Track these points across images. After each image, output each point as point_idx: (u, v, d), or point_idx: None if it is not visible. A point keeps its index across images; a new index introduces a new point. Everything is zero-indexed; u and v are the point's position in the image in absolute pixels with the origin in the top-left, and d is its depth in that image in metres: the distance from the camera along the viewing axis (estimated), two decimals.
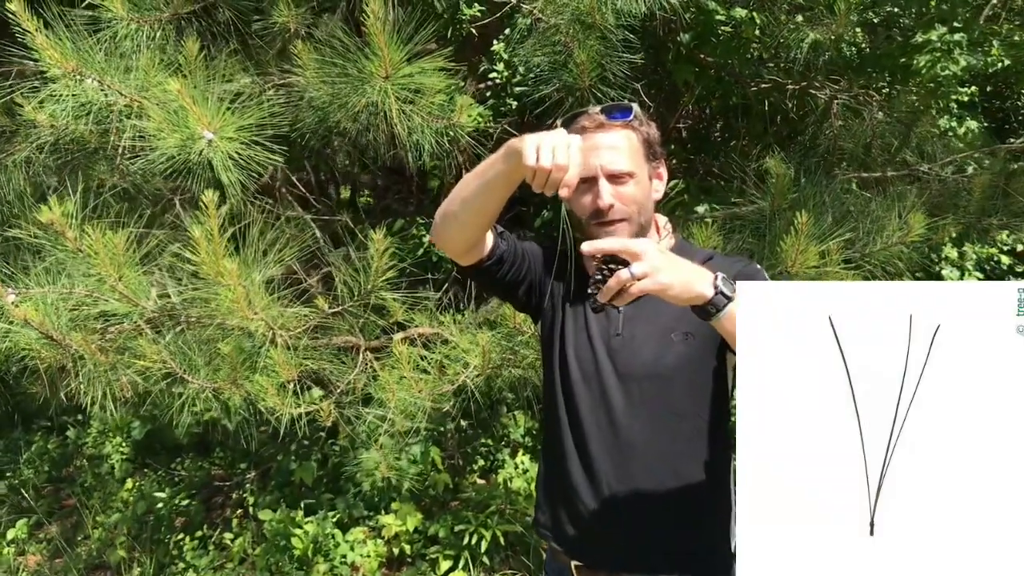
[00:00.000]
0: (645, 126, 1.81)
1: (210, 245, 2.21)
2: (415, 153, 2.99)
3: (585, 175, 1.74)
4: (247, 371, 2.59)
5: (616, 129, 1.77)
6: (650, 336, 1.77)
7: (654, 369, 1.75)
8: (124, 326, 2.63)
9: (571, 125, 1.79)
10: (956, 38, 3.39)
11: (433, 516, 4.34)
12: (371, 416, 2.80)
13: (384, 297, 2.68)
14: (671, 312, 1.71)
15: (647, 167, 1.81)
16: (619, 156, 1.76)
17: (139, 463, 5.48)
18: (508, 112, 4.18)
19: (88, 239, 2.28)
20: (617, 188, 1.75)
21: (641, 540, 1.76)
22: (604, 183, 1.75)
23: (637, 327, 1.79)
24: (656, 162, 1.84)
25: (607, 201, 1.74)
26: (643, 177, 1.79)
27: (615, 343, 1.79)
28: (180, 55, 2.76)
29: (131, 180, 2.93)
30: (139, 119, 2.62)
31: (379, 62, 2.62)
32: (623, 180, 1.75)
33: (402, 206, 4.98)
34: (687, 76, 4.08)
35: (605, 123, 1.77)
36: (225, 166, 2.53)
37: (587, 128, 1.77)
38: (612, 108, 1.79)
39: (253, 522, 4.54)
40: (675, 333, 1.74)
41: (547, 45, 3.00)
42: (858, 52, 4.42)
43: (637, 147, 1.79)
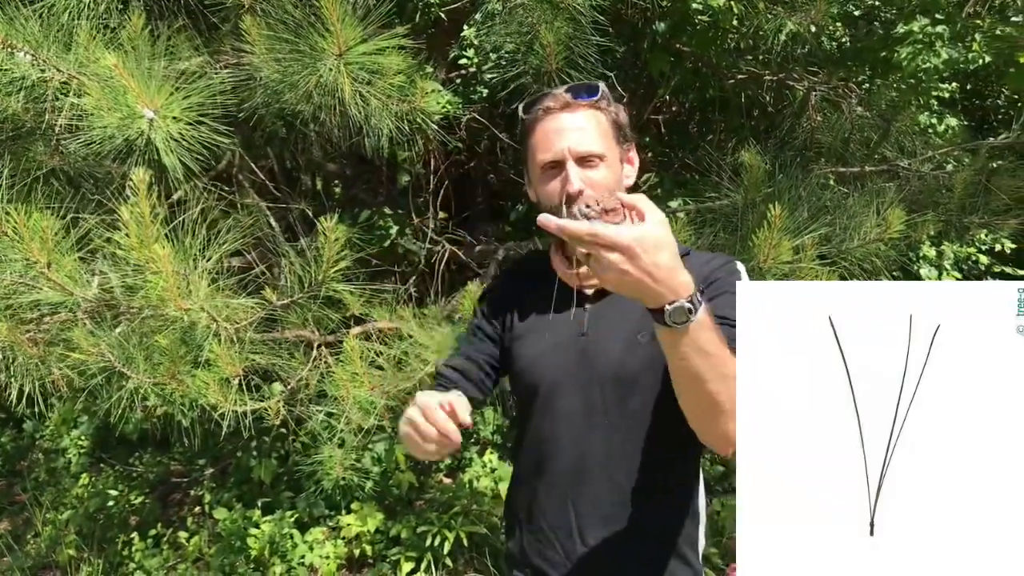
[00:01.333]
0: (613, 107, 1.67)
1: (140, 229, 2.06)
2: (374, 139, 2.86)
3: (552, 159, 1.62)
4: (188, 366, 2.44)
5: (583, 109, 1.63)
6: (616, 336, 1.64)
7: (618, 372, 1.62)
8: (60, 316, 2.48)
9: (534, 107, 1.66)
10: (938, 30, 3.29)
11: (396, 516, 4.21)
12: (321, 414, 2.66)
13: (337, 289, 2.53)
14: (640, 307, 1.60)
15: (618, 150, 1.66)
16: (587, 137, 1.61)
17: (96, 458, 5.32)
18: (479, 100, 4.06)
19: (12, 222, 2.12)
20: (586, 172, 1.60)
21: (610, 558, 1.66)
22: (572, 166, 1.60)
23: (604, 325, 1.66)
24: (627, 145, 1.70)
25: (576, 186, 1.59)
26: (614, 160, 1.64)
27: (581, 343, 1.66)
28: (124, 29, 2.60)
29: (71, 162, 2.77)
30: (78, 97, 2.47)
31: (332, 38, 2.48)
32: (592, 163, 1.61)
33: (370, 196, 4.83)
34: (663, 67, 3.97)
35: (571, 103, 1.62)
36: (168, 147, 2.38)
37: (551, 109, 1.63)
38: (578, 88, 1.65)
39: (210, 520, 4.39)
40: (642, 334, 1.61)
41: (514, 24, 2.87)
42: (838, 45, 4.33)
43: (606, 128, 1.64)
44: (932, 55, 3.26)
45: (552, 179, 1.63)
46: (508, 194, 5.79)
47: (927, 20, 3.30)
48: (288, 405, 2.75)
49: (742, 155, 3.17)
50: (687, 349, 1.29)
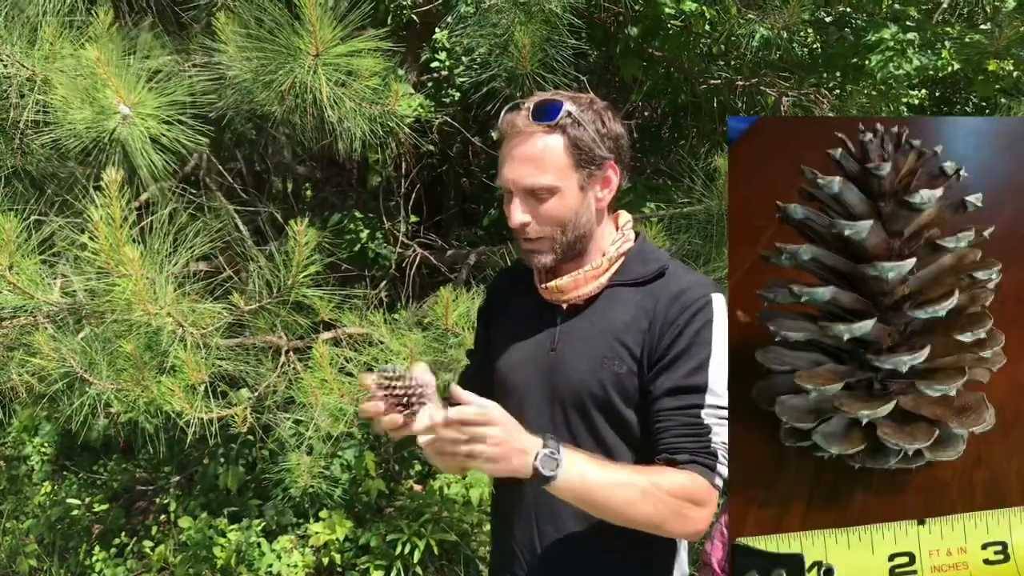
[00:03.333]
0: (580, 126, 1.53)
1: (110, 231, 2.00)
2: (346, 141, 2.82)
3: (504, 186, 1.57)
4: (153, 372, 2.38)
5: (538, 135, 1.52)
6: (584, 355, 1.59)
7: (581, 391, 1.57)
8: (20, 320, 2.41)
9: (498, 125, 1.59)
10: (909, 37, 3.31)
11: (365, 524, 4.15)
12: (289, 421, 2.61)
13: (306, 294, 2.48)
14: (611, 328, 1.57)
15: (576, 176, 1.54)
16: (535, 170, 1.52)
17: (60, 465, 5.20)
18: (451, 103, 4.02)
19: None
20: (536, 205, 1.54)
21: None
22: (516, 201, 1.54)
23: (571, 344, 1.61)
24: (594, 168, 1.55)
25: (517, 219, 1.54)
26: (569, 189, 1.53)
27: (550, 359, 1.62)
28: (92, 26, 2.54)
29: (35, 162, 2.70)
30: (43, 94, 2.41)
31: (310, 38, 2.44)
32: (542, 196, 1.53)
33: (340, 199, 4.78)
34: (635, 71, 3.96)
35: (523, 130, 1.53)
36: (142, 147, 2.33)
37: (508, 135, 1.56)
38: (540, 106, 1.54)
39: (175, 529, 4.31)
40: (607, 360, 1.55)
41: (487, 27, 2.84)
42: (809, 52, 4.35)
43: (561, 156, 1.52)
44: (904, 61, 3.28)
45: (507, 204, 1.58)
46: (481, 198, 5.76)
47: (897, 27, 3.31)
48: (256, 412, 2.70)
49: (715, 160, 3.16)
50: (575, 490, 1.36)
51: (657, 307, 1.53)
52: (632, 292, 1.59)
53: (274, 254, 2.66)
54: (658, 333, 1.51)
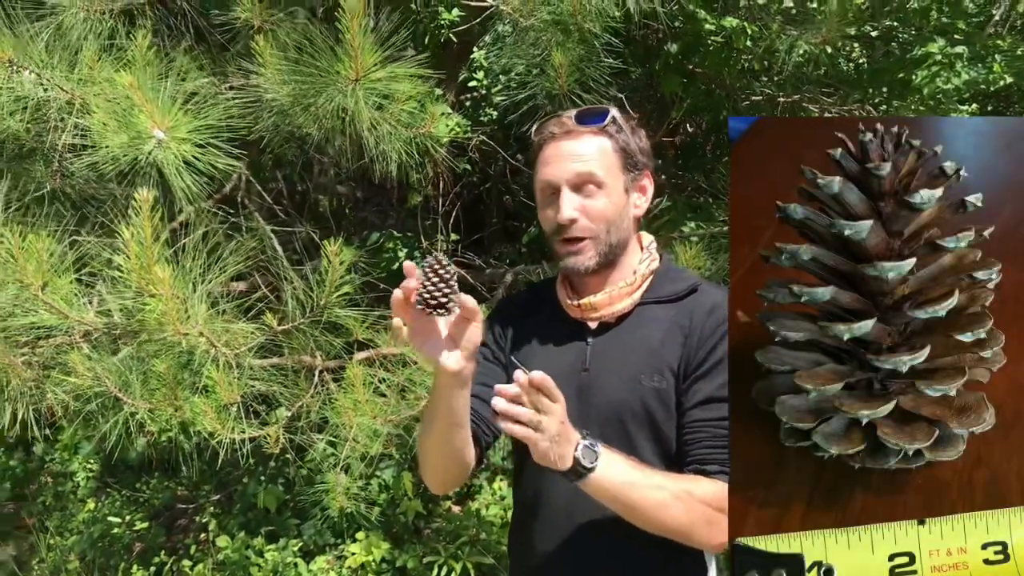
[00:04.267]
0: (624, 133, 1.60)
1: (142, 250, 2.00)
2: (382, 163, 2.81)
3: (549, 185, 1.58)
4: (186, 391, 2.38)
5: (587, 136, 1.58)
6: (619, 374, 1.57)
7: (618, 411, 1.55)
8: (56, 339, 2.43)
9: (541, 131, 1.62)
10: (957, 50, 3.22)
11: (402, 545, 4.13)
12: (322, 443, 2.59)
13: (338, 314, 2.47)
14: (646, 345, 1.57)
15: (623, 178, 1.60)
16: (586, 165, 1.56)
17: (104, 482, 5.26)
18: (488, 121, 4.02)
19: (7, 243, 2.08)
20: (584, 202, 1.56)
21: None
22: (567, 194, 1.56)
23: (605, 362, 1.60)
24: (637, 173, 1.62)
25: (567, 215, 1.55)
26: (616, 190, 1.58)
27: (582, 379, 1.59)
28: (130, 50, 2.57)
29: (73, 184, 2.73)
30: (81, 116, 2.43)
31: (351, 62, 2.43)
32: (591, 192, 1.56)
33: (380, 219, 4.79)
34: (675, 87, 3.92)
35: (574, 129, 1.58)
36: (176, 170, 2.34)
37: (555, 135, 1.59)
38: (585, 113, 1.61)
39: (214, 548, 4.32)
40: (644, 377, 1.55)
41: (524, 47, 2.82)
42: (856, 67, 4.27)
43: (610, 155, 1.58)
44: (952, 75, 3.20)
45: (548, 206, 1.59)
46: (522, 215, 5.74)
47: (945, 41, 3.23)
48: (289, 432, 2.69)
49: None
50: (608, 489, 1.37)
51: (693, 322, 1.55)
52: (664, 309, 1.59)
53: (308, 274, 2.66)
54: (695, 346, 1.53)
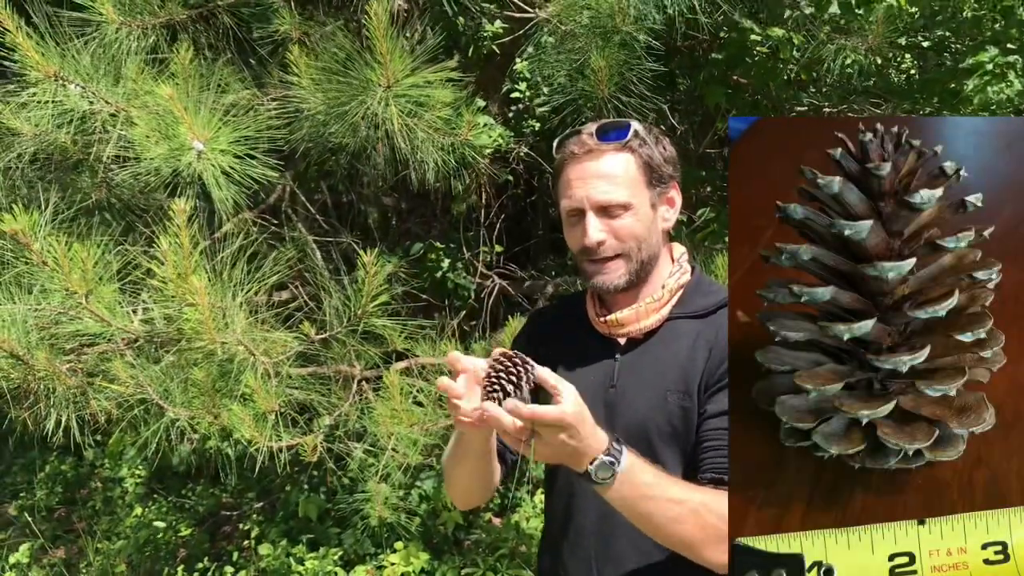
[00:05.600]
0: (647, 147, 1.56)
1: (179, 259, 2.03)
2: (419, 172, 2.82)
3: (573, 207, 1.55)
4: (225, 400, 2.40)
5: (609, 153, 1.54)
6: (647, 390, 1.55)
7: (645, 428, 1.52)
8: (99, 347, 2.47)
9: (561, 148, 1.59)
10: (1010, 60, 3.14)
11: (442, 556, 4.12)
12: (359, 451, 2.60)
13: (375, 324, 2.48)
14: (675, 362, 1.55)
15: (648, 194, 1.56)
16: (610, 185, 1.53)
17: (151, 488, 5.34)
18: (531, 132, 4.01)
19: (53, 252, 2.12)
20: (611, 222, 1.53)
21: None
22: (592, 218, 1.53)
23: (633, 378, 1.58)
24: (663, 187, 1.59)
25: (593, 238, 1.53)
26: (643, 207, 1.55)
27: (609, 396, 1.57)
28: (173, 63, 2.62)
29: (119, 194, 2.79)
30: (125, 129, 2.48)
31: (381, 70, 2.45)
32: (616, 213, 1.53)
33: (423, 230, 4.80)
34: (719, 99, 3.88)
35: (594, 148, 1.54)
36: (216, 180, 2.37)
37: (575, 154, 1.55)
38: (606, 127, 1.57)
39: (256, 555, 4.35)
40: (671, 394, 1.52)
41: (564, 53, 2.82)
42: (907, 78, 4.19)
43: (634, 172, 1.55)
44: (1005, 85, 3.11)
45: (575, 227, 1.57)
46: None
47: (997, 50, 3.15)
48: (327, 441, 2.70)
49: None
50: (625, 499, 1.33)
51: (720, 335, 1.52)
52: (693, 324, 1.57)
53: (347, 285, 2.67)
54: (719, 358, 1.51)
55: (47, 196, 2.47)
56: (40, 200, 2.51)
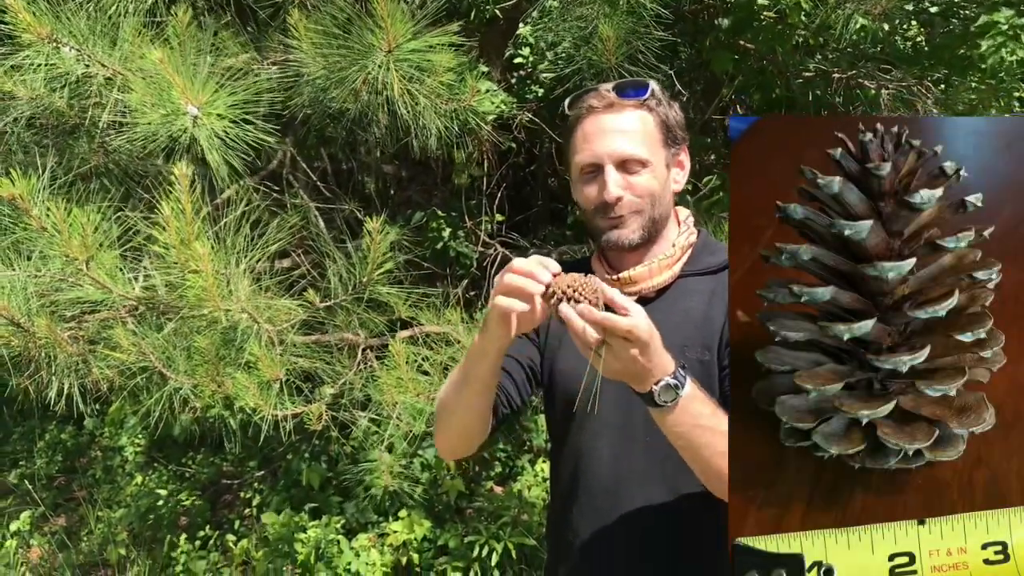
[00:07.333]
0: (664, 107, 1.56)
1: (181, 225, 1.99)
2: (421, 139, 2.78)
3: (590, 162, 1.53)
4: (229, 368, 2.38)
5: (628, 109, 1.53)
6: None
7: None
8: (100, 314, 2.44)
9: (577, 104, 1.56)
10: None
11: (444, 524, 4.12)
12: (364, 420, 2.58)
13: (380, 292, 2.45)
14: (690, 318, 1.55)
15: (664, 153, 1.56)
16: (630, 141, 1.51)
17: (151, 457, 5.33)
18: (534, 99, 3.95)
19: (52, 218, 2.08)
20: (628, 178, 1.51)
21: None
22: (611, 172, 1.51)
23: None
24: (676, 148, 1.59)
25: (613, 193, 1.50)
26: (659, 165, 1.54)
27: None
28: (170, 26, 2.56)
29: (117, 160, 2.74)
30: (122, 92, 2.43)
31: (381, 34, 2.40)
32: (635, 169, 1.51)
33: (425, 198, 4.76)
34: (726, 65, 3.81)
35: (615, 102, 1.52)
36: (211, 145, 2.32)
37: (594, 108, 1.53)
38: (625, 85, 1.55)
39: (258, 524, 4.36)
40: (689, 350, 1.51)
41: (570, 20, 2.76)
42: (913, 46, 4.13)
43: (653, 130, 1.54)
44: (1018, 47, 3.05)
45: (590, 183, 1.55)
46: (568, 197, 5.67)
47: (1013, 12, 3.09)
48: (332, 410, 2.68)
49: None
50: (680, 425, 1.32)
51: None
52: (704, 281, 1.58)
53: (351, 252, 2.64)
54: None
55: (44, 161, 2.42)
56: (37, 165, 2.46)
